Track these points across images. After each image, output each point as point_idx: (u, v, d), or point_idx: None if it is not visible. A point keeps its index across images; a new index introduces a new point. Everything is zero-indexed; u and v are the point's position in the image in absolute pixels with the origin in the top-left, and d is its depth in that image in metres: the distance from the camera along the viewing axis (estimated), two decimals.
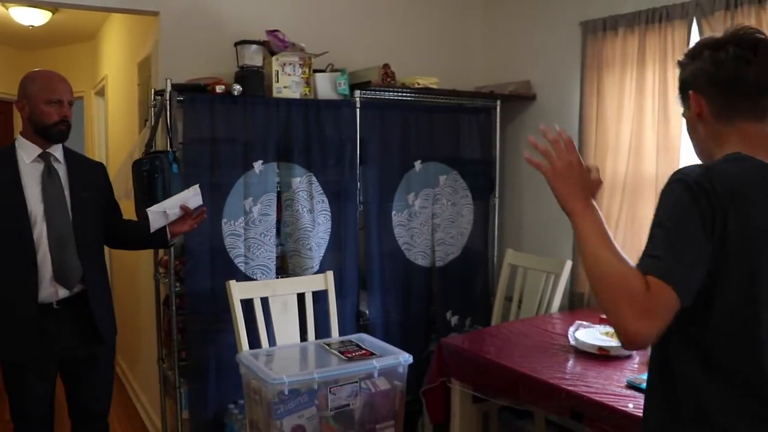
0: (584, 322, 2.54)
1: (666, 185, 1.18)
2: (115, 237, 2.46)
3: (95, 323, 2.27)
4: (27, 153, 2.22)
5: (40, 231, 2.18)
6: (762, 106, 1.22)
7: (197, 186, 2.32)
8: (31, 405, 2.26)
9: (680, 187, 1.14)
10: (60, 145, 2.30)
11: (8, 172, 2.18)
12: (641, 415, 1.75)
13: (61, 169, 2.28)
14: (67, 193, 2.25)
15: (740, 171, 1.16)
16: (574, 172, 1.24)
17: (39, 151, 2.23)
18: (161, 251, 2.89)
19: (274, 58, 2.87)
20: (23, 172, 2.20)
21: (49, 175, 2.23)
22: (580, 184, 1.24)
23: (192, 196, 2.30)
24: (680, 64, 1.30)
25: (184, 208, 2.29)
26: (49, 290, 2.19)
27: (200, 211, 2.34)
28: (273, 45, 2.90)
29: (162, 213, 2.26)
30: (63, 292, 2.22)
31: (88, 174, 2.37)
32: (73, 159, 2.35)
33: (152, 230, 2.26)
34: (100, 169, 2.47)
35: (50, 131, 2.20)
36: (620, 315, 1.09)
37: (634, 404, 1.85)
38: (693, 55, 1.27)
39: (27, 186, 2.18)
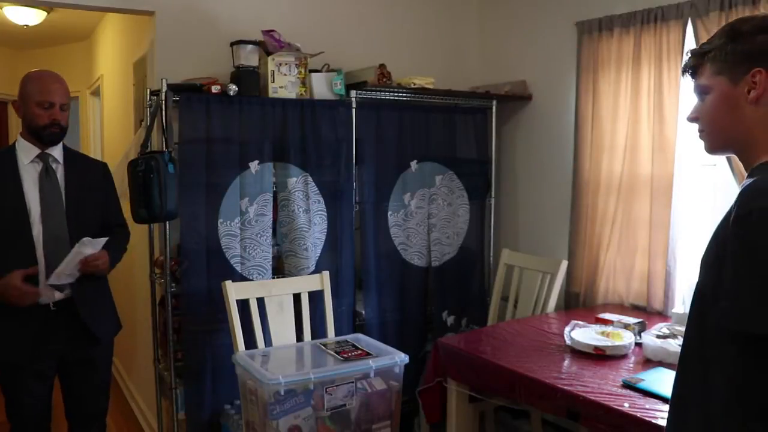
0: (580, 322, 2.55)
1: (747, 216, 0.98)
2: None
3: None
4: (26, 153, 2.21)
5: (38, 232, 2.17)
6: None
7: (84, 239, 2.16)
8: (28, 405, 2.26)
9: None
10: (60, 146, 2.29)
11: (9, 173, 2.18)
12: (637, 414, 1.78)
13: (59, 170, 2.26)
14: (63, 194, 2.24)
15: None
16: None
17: (37, 151, 2.22)
18: (157, 251, 2.89)
19: (270, 58, 2.86)
20: (23, 173, 2.19)
21: (46, 175, 2.22)
22: None
23: (85, 247, 2.17)
24: (741, 32, 1.11)
25: (82, 262, 2.17)
26: (46, 292, 2.18)
27: (94, 256, 2.19)
28: (269, 45, 2.90)
29: (64, 275, 2.17)
30: (58, 294, 2.22)
31: (85, 174, 2.35)
32: (73, 159, 2.33)
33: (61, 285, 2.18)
34: (100, 168, 2.44)
35: (41, 134, 2.19)
36: None
37: (630, 403, 1.86)
38: (763, 26, 1.10)
39: (26, 187, 2.18)
